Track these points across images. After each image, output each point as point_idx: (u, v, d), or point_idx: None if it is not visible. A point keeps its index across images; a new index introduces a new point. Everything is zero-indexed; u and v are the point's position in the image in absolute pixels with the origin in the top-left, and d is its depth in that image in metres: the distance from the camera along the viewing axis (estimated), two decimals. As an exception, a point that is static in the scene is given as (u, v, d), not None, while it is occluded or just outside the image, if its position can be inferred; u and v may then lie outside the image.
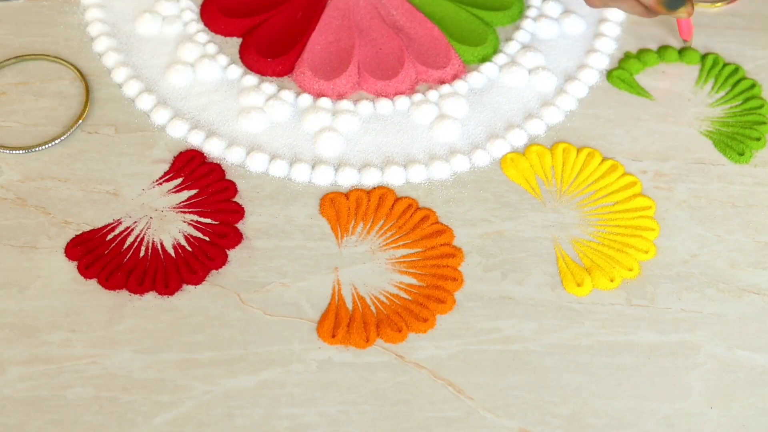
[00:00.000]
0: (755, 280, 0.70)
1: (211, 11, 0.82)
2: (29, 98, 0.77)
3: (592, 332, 0.68)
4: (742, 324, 0.68)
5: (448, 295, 0.68)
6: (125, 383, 0.65)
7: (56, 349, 0.66)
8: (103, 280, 0.68)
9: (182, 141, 0.75)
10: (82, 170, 0.73)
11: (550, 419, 0.64)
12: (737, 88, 0.79)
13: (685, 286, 0.70)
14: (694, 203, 0.73)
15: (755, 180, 0.75)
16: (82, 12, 0.81)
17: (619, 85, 0.79)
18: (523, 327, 0.68)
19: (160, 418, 0.64)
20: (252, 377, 0.65)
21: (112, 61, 0.78)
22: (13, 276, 0.68)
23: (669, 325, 0.68)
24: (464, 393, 0.65)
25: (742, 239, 0.72)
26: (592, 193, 0.73)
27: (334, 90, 0.78)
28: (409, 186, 0.74)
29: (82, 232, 0.70)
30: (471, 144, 0.76)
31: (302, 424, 0.64)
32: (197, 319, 0.67)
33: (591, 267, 0.70)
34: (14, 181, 0.73)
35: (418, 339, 0.67)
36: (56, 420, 0.63)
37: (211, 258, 0.70)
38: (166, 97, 0.77)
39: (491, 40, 0.81)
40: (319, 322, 0.67)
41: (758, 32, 0.82)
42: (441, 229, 0.72)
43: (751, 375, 0.66)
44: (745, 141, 0.76)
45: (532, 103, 0.78)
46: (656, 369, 0.66)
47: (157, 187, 0.73)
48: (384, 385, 0.65)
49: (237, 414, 0.64)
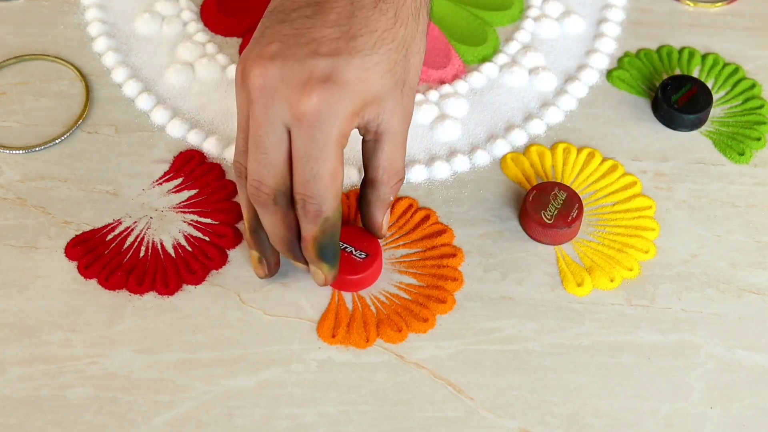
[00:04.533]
0: (755, 280, 0.70)
1: (210, 11, 0.82)
2: (29, 98, 0.77)
3: (592, 332, 0.68)
4: (742, 324, 0.68)
5: (448, 295, 0.68)
6: (125, 383, 0.65)
7: (56, 349, 0.66)
8: (103, 280, 0.68)
9: (182, 141, 0.75)
10: (82, 170, 0.73)
11: (550, 419, 0.64)
12: (737, 88, 0.79)
13: (685, 286, 0.70)
14: (694, 203, 0.73)
15: (755, 180, 0.75)
16: (82, 12, 0.81)
17: (619, 85, 0.79)
18: (523, 327, 0.68)
19: (160, 418, 0.64)
20: (252, 377, 0.65)
21: (112, 61, 0.79)
22: (13, 276, 0.68)
23: (669, 325, 0.68)
24: (464, 393, 0.65)
25: (742, 239, 0.72)
26: (592, 193, 0.73)
27: (334, 90, 0.78)
28: (409, 186, 0.74)
29: (82, 232, 0.70)
30: (471, 144, 0.76)
31: (302, 424, 0.64)
32: (197, 319, 0.67)
33: (591, 267, 0.70)
34: (14, 181, 0.73)
35: (418, 339, 0.67)
36: (56, 420, 0.63)
37: (211, 258, 0.70)
38: (165, 97, 0.77)
39: (491, 40, 0.81)
40: (319, 322, 0.67)
41: (758, 32, 0.82)
42: (441, 229, 0.72)
43: (751, 375, 0.66)
44: (745, 141, 0.76)
45: (532, 103, 0.78)
46: (656, 369, 0.66)
47: (157, 187, 0.73)
48: (384, 385, 0.65)
49: (237, 414, 0.64)
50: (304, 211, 0.62)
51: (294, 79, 0.59)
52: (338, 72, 0.59)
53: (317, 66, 0.59)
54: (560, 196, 0.70)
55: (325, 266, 0.65)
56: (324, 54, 0.59)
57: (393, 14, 0.62)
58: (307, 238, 0.64)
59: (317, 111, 0.59)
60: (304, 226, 0.63)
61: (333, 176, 0.61)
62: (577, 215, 0.70)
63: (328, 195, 0.61)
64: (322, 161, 0.60)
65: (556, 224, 0.70)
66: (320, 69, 0.59)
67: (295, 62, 0.59)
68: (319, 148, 0.60)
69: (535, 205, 0.70)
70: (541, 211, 0.70)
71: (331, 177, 0.61)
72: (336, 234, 0.64)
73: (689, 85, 0.77)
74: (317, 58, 0.59)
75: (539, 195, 0.71)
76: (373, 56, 0.60)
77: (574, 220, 0.70)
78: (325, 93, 0.59)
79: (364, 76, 0.60)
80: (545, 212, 0.70)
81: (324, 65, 0.59)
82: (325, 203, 0.62)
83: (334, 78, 0.59)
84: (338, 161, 0.61)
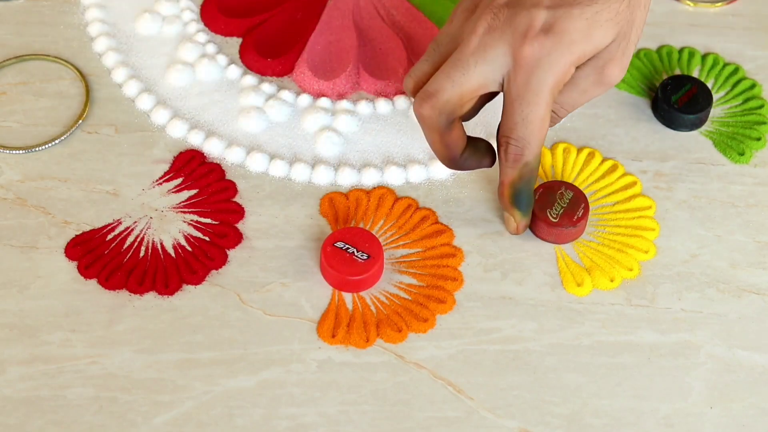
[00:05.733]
0: (755, 280, 0.70)
1: (211, 11, 0.82)
2: (29, 98, 0.77)
3: (592, 332, 0.68)
4: (742, 324, 0.68)
5: (448, 295, 0.68)
6: (125, 383, 0.65)
7: (56, 349, 0.66)
8: (103, 280, 0.68)
9: (182, 141, 0.75)
10: (82, 170, 0.73)
11: (550, 419, 0.64)
12: (737, 88, 0.79)
13: (685, 286, 0.70)
14: (694, 203, 0.73)
15: (755, 180, 0.75)
16: (82, 12, 0.81)
17: (619, 85, 0.79)
18: (523, 327, 0.68)
19: (160, 418, 0.64)
20: (252, 377, 0.65)
21: (112, 61, 0.78)
22: (13, 276, 0.68)
23: (669, 325, 0.68)
24: (464, 393, 0.65)
25: (742, 239, 0.72)
26: (593, 193, 0.73)
27: (334, 90, 0.78)
28: (409, 186, 0.74)
29: (82, 232, 0.70)
30: (471, 144, 0.76)
31: (302, 424, 0.64)
32: (197, 319, 0.67)
33: (591, 267, 0.70)
34: (14, 181, 0.73)
35: (418, 339, 0.67)
36: (56, 420, 0.63)
37: (211, 258, 0.70)
38: (165, 97, 0.77)
39: (491, 40, 0.81)
40: (319, 322, 0.67)
41: (758, 32, 0.82)
42: (441, 229, 0.72)
43: (751, 375, 0.66)
44: (745, 141, 0.76)
45: (532, 103, 0.78)
46: (656, 369, 0.66)
47: (157, 187, 0.73)
48: (384, 385, 0.65)
49: (237, 414, 0.64)
50: (506, 154, 0.66)
51: (520, 26, 0.64)
52: (559, 23, 0.64)
53: (540, 16, 0.64)
54: (567, 196, 0.70)
55: (517, 213, 0.69)
56: (547, 6, 0.64)
57: None
58: (504, 182, 0.68)
59: (537, 58, 0.64)
60: (504, 170, 0.67)
61: (541, 122, 0.65)
62: (582, 215, 0.70)
63: (533, 139, 0.65)
64: (534, 105, 0.64)
65: (561, 223, 0.70)
66: (543, 19, 0.64)
67: (522, 10, 0.64)
68: (534, 93, 0.64)
69: (541, 204, 0.70)
70: (546, 210, 0.70)
71: (539, 122, 0.65)
72: (532, 181, 0.68)
73: (689, 85, 0.77)
74: (541, 9, 0.64)
75: (546, 193, 0.71)
76: (593, 6, 0.64)
77: (579, 220, 0.70)
78: (547, 41, 0.63)
79: (585, 26, 0.64)
80: (551, 211, 0.70)
81: (546, 16, 0.64)
82: (528, 147, 0.66)
83: (555, 28, 0.63)
84: (548, 109, 0.65)
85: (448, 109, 0.65)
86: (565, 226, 0.70)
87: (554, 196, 0.71)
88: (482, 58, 0.64)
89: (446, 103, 0.65)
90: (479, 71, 0.65)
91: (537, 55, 0.63)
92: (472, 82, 0.65)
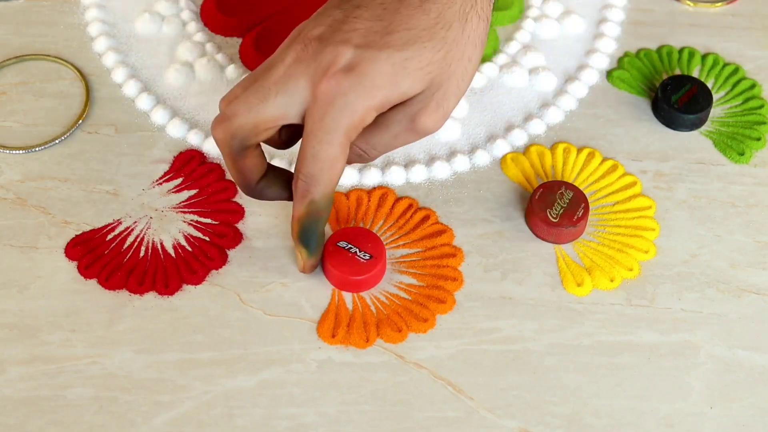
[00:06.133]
0: (755, 280, 0.70)
1: (210, 11, 0.82)
2: (29, 98, 0.77)
3: (592, 332, 0.68)
4: (742, 324, 0.68)
5: (448, 295, 0.68)
6: (125, 383, 0.65)
7: (56, 349, 0.66)
8: (103, 280, 0.68)
9: (182, 141, 0.75)
10: (82, 170, 0.73)
11: (550, 419, 0.64)
12: (737, 88, 0.79)
13: (685, 286, 0.70)
14: (694, 203, 0.73)
15: (755, 180, 0.75)
16: (82, 12, 0.81)
17: (619, 85, 0.79)
18: (523, 327, 0.68)
19: (160, 418, 0.64)
20: (252, 377, 0.65)
21: (112, 61, 0.78)
22: (13, 276, 0.68)
23: (669, 325, 0.68)
24: (464, 393, 0.65)
25: (742, 239, 0.72)
26: (593, 193, 0.73)
27: (334, 90, 0.78)
28: (409, 186, 0.74)
29: (82, 232, 0.70)
30: (471, 144, 0.76)
31: (302, 424, 0.64)
32: (197, 319, 0.67)
33: (591, 267, 0.70)
34: (14, 181, 0.73)
35: (418, 339, 0.67)
36: (56, 420, 0.63)
37: (211, 258, 0.70)
38: (165, 97, 0.77)
39: (491, 40, 0.81)
40: (319, 322, 0.67)
41: (758, 32, 0.82)
42: (441, 229, 0.72)
43: (751, 375, 0.66)
44: (745, 141, 0.76)
45: (532, 103, 0.78)
46: (656, 369, 0.66)
47: (157, 187, 0.73)
48: (384, 385, 0.65)
49: (237, 414, 0.64)
50: (295, 188, 0.64)
51: (324, 61, 0.61)
52: (363, 64, 0.61)
53: (345, 54, 0.61)
54: (567, 195, 0.70)
55: (304, 251, 0.66)
56: (355, 45, 0.61)
57: (436, 15, 0.62)
58: (293, 217, 0.65)
59: (333, 95, 0.61)
60: (294, 205, 0.65)
61: (332, 161, 0.62)
62: (582, 215, 0.70)
63: (321, 177, 0.63)
64: (325, 144, 0.61)
65: (561, 223, 0.70)
66: (348, 57, 0.61)
67: (329, 45, 0.62)
68: (325, 131, 0.61)
69: (541, 204, 0.70)
70: (546, 210, 0.70)
71: (330, 161, 0.62)
72: (320, 222, 0.65)
73: (689, 85, 0.77)
74: (348, 47, 0.61)
75: (546, 193, 0.71)
76: (403, 52, 0.61)
77: (579, 220, 0.70)
78: (345, 80, 0.61)
79: (390, 71, 0.61)
80: (551, 211, 0.70)
81: (352, 55, 0.61)
82: (315, 185, 0.63)
83: (357, 69, 0.61)
84: (341, 150, 0.62)
85: (242, 134, 0.63)
86: (565, 226, 0.70)
87: (554, 196, 0.71)
88: (283, 88, 0.62)
89: (239, 128, 0.63)
90: (278, 102, 0.62)
91: (333, 92, 0.61)
92: (269, 112, 0.62)
